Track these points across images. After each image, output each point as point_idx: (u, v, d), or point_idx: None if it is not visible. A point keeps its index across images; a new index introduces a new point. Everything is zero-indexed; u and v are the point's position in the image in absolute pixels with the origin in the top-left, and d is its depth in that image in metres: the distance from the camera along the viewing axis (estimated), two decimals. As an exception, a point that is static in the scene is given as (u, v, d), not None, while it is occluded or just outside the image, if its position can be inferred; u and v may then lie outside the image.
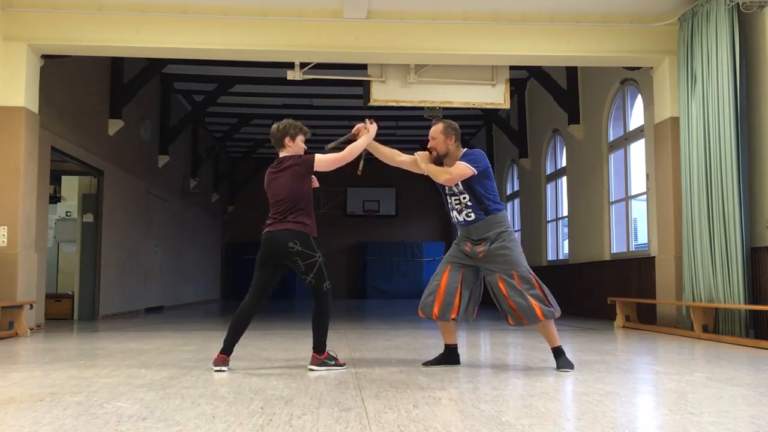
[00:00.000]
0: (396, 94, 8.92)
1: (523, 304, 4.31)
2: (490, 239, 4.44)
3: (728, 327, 6.92)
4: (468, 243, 4.55)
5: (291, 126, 4.62)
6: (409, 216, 22.62)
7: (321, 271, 4.45)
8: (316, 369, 4.44)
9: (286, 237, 4.39)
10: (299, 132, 4.62)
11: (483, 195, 4.47)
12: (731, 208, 6.85)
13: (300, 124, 4.69)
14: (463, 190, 4.49)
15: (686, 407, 3.17)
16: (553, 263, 13.08)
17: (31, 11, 7.81)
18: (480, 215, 4.48)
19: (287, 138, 4.58)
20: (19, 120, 7.69)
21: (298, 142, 4.61)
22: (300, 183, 4.47)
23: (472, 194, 4.48)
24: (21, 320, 7.28)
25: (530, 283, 4.36)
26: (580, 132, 11.41)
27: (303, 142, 4.64)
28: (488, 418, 2.88)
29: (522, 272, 4.38)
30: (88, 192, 10.82)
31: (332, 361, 4.51)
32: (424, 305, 4.59)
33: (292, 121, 4.68)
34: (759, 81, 6.96)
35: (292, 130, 4.61)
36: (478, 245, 4.48)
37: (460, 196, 4.52)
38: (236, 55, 8.54)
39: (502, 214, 4.51)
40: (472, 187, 4.47)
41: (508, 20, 8.23)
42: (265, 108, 15.70)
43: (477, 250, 4.48)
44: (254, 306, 4.53)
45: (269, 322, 9.56)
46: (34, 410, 3.05)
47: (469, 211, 4.50)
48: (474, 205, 4.48)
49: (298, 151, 4.61)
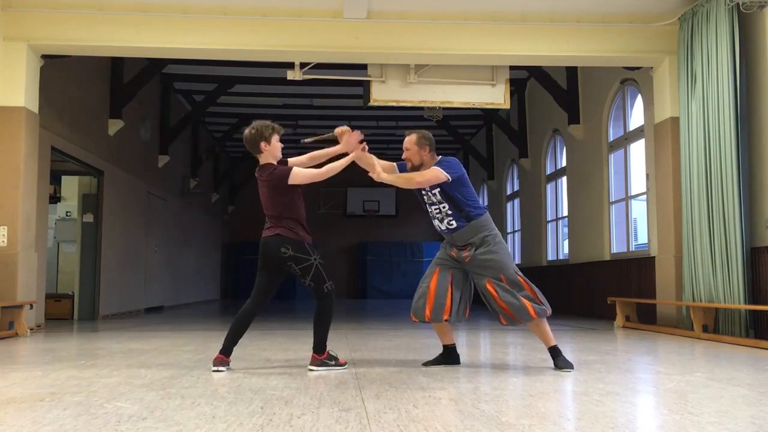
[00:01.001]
0: (396, 94, 8.92)
1: (515, 303, 4.32)
2: (475, 244, 4.44)
3: (728, 327, 6.92)
4: (454, 249, 4.55)
5: (264, 127, 4.44)
6: (409, 216, 22.62)
7: (319, 272, 4.41)
8: (315, 369, 4.43)
9: (278, 243, 4.36)
10: (273, 132, 4.46)
11: (462, 202, 4.46)
12: (731, 208, 6.85)
13: (270, 122, 4.51)
14: (442, 199, 4.48)
15: (686, 407, 3.17)
16: (553, 263, 13.08)
17: (31, 11, 7.81)
18: (462, 222, 4.47)
19: (263, 142, 4.43)
20: (19, 120, 7.69)
21: (274, 143, 4.46)
22: (281, 198, 4.39)
23: (450, 202, 4.46)
24: (21, 320, 7.28)
25: (519, 284, 4.37)
26: (580, 132, 11.41)
27: (278, 141, 4.49)
28: (488, 418, 2.88)
29: (510, 275, 4.38)
30: (88, 192, 10.82)
31: (332, 361, 4.50)
32: (415, 309, 4.57)
33: (263, 121, 4.50)
34: (759, 81, 6.96)
35: (266, 131, 4.44)
36: (463, 250, 4.48)
37: (440, 206, 4.51)
38: (236, 55, 8.54)
39: (484, 218, 4.50)
40: (450, 195, 4.45)
41: (508, 20, 8.24)
42: (265, 108, 15.69)
43: (463, 255, 4.48)
44: (255, 308, 4.51)
45: (269, 322, 9.56)
46: (34, 410, 3.05)
47: (451, 219, 4.50)
48: (454, 213, 4.47)
49: (275, 154, 4.47)
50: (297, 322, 9.65)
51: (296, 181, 4.37)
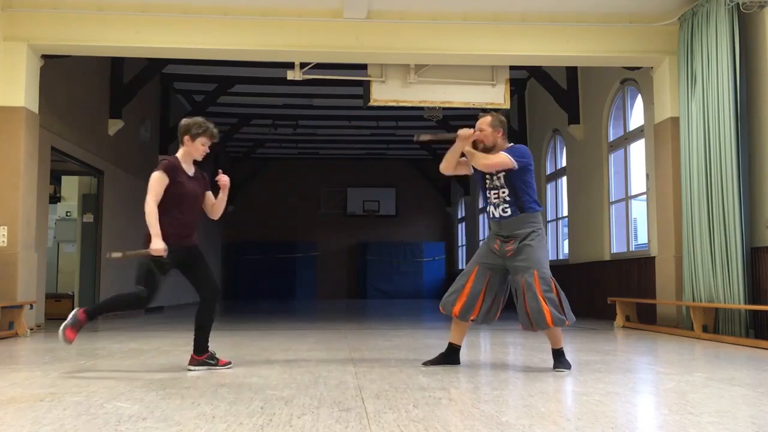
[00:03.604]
0: (396, 94, 8.91)
1: (535, 308, 4.28)
2: (520, 237, 4.41)
3: (728, 327, 6.92)
4: (497, 240, 4.50)
5: (197, 125, 4.37)
6: (409, 216, 22.62)
7: (141, 271, 4.42)
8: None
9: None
10: (203, 135, 4.37)
11: (522, 191, 4.46)
12: (731, 208, 6.85)
13: (211, 126, 4.42)
14: (504, 184, 4.48)
15: (686, 407, 3.17)
16: (553, 263, 12.94)
17: (31, 11, 7.81)
18: (515, 212, 4.45)
19: (187, 136, 4.37)
20: (19, 120, 7.68)
21: (197, 144, 4.38)
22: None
23: (512, 189, 4.46)
24: (21, 320, 7.28)
25: (549, 285, 4.33)
26: (580, 132, 11.41)
27: (204, 145, 4.39)
28: (488, 418, 2.88)
29: (543, 273, 4.35)
30: (88, 192, 10.82)
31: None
32: (445, 302, 4.58)
33: (203, 121, 4.41)
34: (759, 81, 6.96)
35: (196, 129, 4.37)
36: (507, 243, 4.45)
37: (500, 191, 4.50)
38: (236, 55, 8.54)
39: (536, 214, 4.49)
40: (513, 182, 4.46)
41: (508, 20, 8.23)
42: (265, 108, 15.69)
43: (506, 249, 4.44)
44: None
45: (270, 321, 9.56)
46: (34, 410, 3.05)
47: (506, 206, 4.48)
48: (512, 201, 4.46)
49: (193, 153, 4.41)
50: (297, 322, 9.65)
51: (149, 183, 4.33)
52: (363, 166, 22.30)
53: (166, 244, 4.31)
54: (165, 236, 4.33)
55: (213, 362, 4.46)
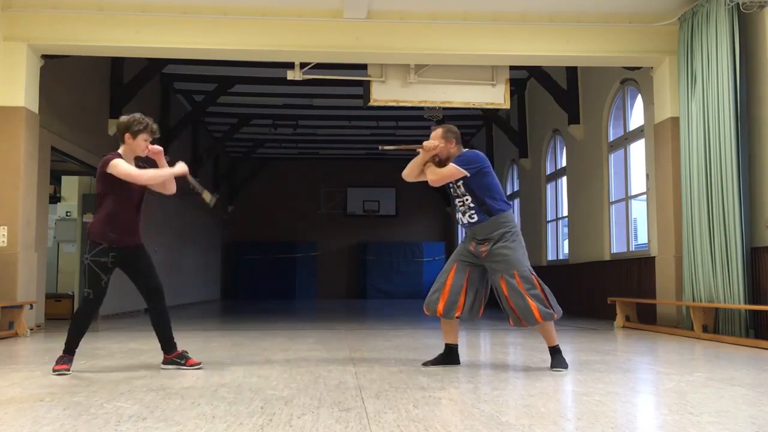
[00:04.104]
0: (396, 94, 8.91)
1: (521, 305, 4.32)
2: (494, 239, 4.44)
3: (728, 327, 6.92)
4: (473, 242, 4.55)
5: (136, 122, 4.31)
6: (409, 216, 22.62)
7: (89, 273, 4.32)
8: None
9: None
10: (143, 131, 4.33)
11: (484, 195, 4.47)
12: (731, 208, 6.85)
13: (150, 121, 4.39)
14: (465, 192, 4.51)
15: (686, 407, 3.17)
16: (553, 263, 13.07)
17: (31, 11, 7.81)
18: (483, 217, 4.47)
19: (128, 134, 4.33)
20: (19, 120, 7.68)
21: (138, 140, 4.34)
22: (99, 184, 4.33)
23: (473, 195, 4.49)
24: (21, 320, 7.28)
25: (531, 282, 4.37)
26: (580, 132, 11.41)
27: (146, 140, 4.36)
28: (488, 418, 2.88)
29: (523, 272, 4.39)
30: (88, 192, 10.81)
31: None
32: (429, 302, 4.61)
33: (141, 117, 4.36)
34: (759, 81, 6.96)
35: (136, 126, 4.31)
36: (481, 245, 4.48)
37: (463, 198, 4.54)
38: (236, 55, 8.54)
39: (506, 214, 4.51)
40: (472, 188, 4.48)
41: (508, 20, 8.24)
42: (265, 108, 15.69)
43: (480, 250, 4.48)
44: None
45: (270, 321, 9.56)
46: (34, 410, 3.05)
47: (472, 213, 4.50)
48: (476, 207, 4.49)
49: (135, 150, 4.38)
50: (297, 322, 9.65)
51: (113, 171, 4.24)
52: (363, 166, 22.30)
53: (108, 244, 4.29)
54: (106, 236, 4.30)
55: (181, 361, 4.47)
